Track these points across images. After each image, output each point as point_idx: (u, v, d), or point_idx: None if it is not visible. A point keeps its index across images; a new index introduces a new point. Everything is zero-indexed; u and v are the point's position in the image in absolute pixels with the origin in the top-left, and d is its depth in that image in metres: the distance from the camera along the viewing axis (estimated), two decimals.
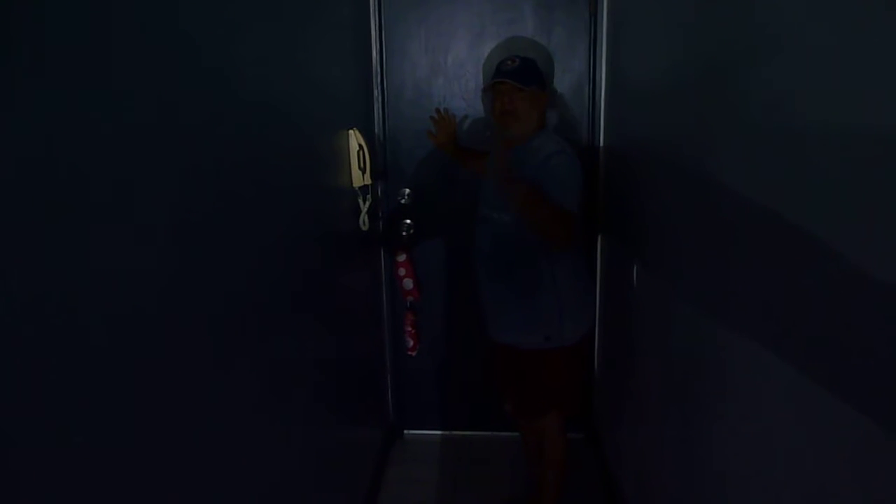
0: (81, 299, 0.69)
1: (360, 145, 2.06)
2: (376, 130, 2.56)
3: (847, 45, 0.76)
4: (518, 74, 1.93)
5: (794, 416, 0.91)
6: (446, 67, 2.52)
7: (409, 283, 2.67)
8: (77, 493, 0.69)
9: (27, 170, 0.61)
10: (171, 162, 0.89)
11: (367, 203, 2.17)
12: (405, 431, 2.91)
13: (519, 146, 1.94)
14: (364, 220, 2.17)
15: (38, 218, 0.63)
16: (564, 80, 2.48)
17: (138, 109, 0.80)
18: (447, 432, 2.90)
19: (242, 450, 1.13)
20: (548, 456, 2.14)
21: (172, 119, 0.89)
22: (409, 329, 2.74)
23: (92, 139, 0.71)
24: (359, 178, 2.08)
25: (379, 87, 2.54)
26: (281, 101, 1.39)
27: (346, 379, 2.06)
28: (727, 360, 1.17)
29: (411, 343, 2.75)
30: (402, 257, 2.64)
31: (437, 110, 2.40)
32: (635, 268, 1.89)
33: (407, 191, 2.63)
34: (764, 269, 1.00)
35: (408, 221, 2.64)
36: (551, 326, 1.95)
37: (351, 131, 2.04)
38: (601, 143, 2.48)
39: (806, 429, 0.88)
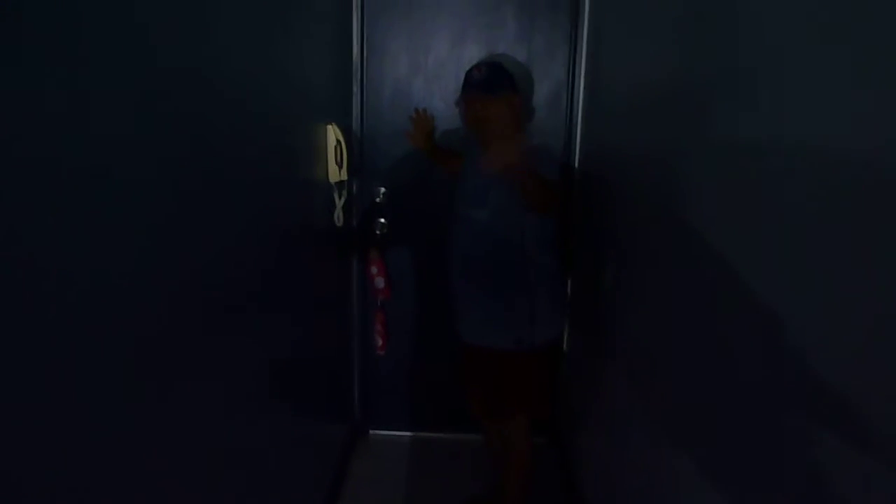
0: (34, 282, 0.67)
1: (339, 140, 2.05)
2: (354, 127, 2.55)
3: (818, 76, 0.79)
4: (484, 84, 1.94)
5: (763, 425, 0.93)
6: (426, 68, 2.53)
7: (380, 282, 2.66)
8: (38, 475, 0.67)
9: None
10: (140, 153, 0.86)
11: (343, 199, 2.16)
12: (370, 431, 2.90)
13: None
14: (339, 216, 2.15)
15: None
16: (543, 88, 2.51)
17: (106, 101, 0.78)
18: (412, 433, 2.89)
19: (202, 444, 1.11)
20: (512, 458, 2.14)
21: (138, 106, 0.87)
22: (379, 328, 2.73)
23: (56, 128, 0.69)
24: (335, 174, 2.07)
25: (358, 84, 2.53)
26: (259, 90, 1.38)
27: (312, 375, 2.04)
28: (695, 367, 1.19)
29: (380, 342, 2.74)
30: (374, 256, 2.63)
31: (416, 110, 2.39)
32: (607, 274, 1.91)
33: (382, 189, 2.62)
34: (733, 278, 1.02)
35: (382, 220, 2.63)
36: (523, 329, 1.96)
37: (329, 126, 2.03)
38: (577, 150, 2.51)
39: (774, 437, 0.90)
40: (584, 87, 2.44)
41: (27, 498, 0.65)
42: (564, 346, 2.64)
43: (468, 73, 1.99)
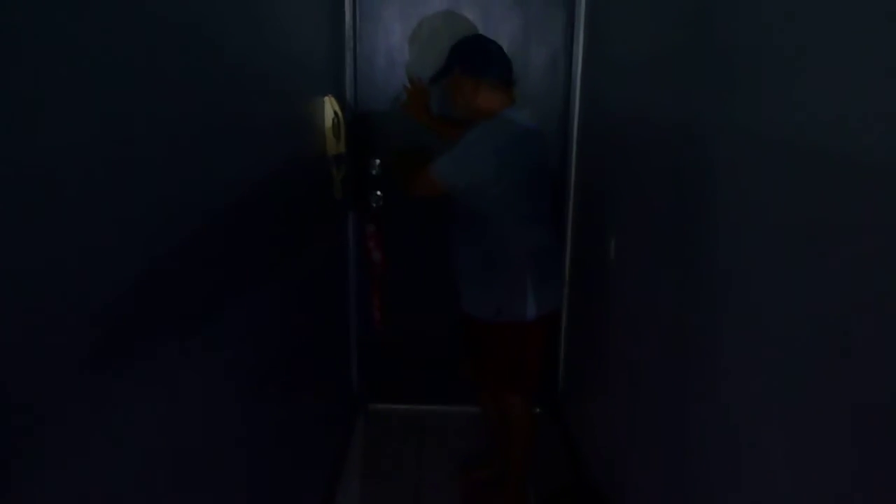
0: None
1: (336, 112, 1.99)
2: (348, 97, 2.49)
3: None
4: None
5: (778, 403, 0.93)
6: (421, 36, 2.46)
7: (377, 256, 2.62)
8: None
9: None
10: (134, 126, 0.80)
11: (341, 172, 2.12)
12: (370, 405, 2.89)
13: None
14: (338, 189, 2.11)
15: None
16: (541, 53, 2.46)
17: (95, 71, 0.72)
18: (412, 406, 2.89)
19: (203, 424, 1.08)
20: (512, 431, 2.14)
21: (129, 81, 0.80)
22: (377, 302, 2.70)
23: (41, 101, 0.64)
24: (333, 146, 2.02)
25: (351, 53, 2.46)
26: (257, 63, 1.32)
27: (312, 351, 2.01)
28: (712, 340, 1.18)
29: (378, 316, 2.72)
30: (371, 229, 2.59)
31: (411, 79, 2.34)
32: (613, 243, 1.89)
33: (378, 161, 2.57)
34: (749, 247, 1.01)
35: (378, 193, 2.59)
36: (502, 300, 1.95)
37: (327, 98, 1.97)
38: (576, 117, 2.47)
39: (781, 416, 0.89)
40: (584, 52, 2.40)
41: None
42: (564, 316, 2.64)
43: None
